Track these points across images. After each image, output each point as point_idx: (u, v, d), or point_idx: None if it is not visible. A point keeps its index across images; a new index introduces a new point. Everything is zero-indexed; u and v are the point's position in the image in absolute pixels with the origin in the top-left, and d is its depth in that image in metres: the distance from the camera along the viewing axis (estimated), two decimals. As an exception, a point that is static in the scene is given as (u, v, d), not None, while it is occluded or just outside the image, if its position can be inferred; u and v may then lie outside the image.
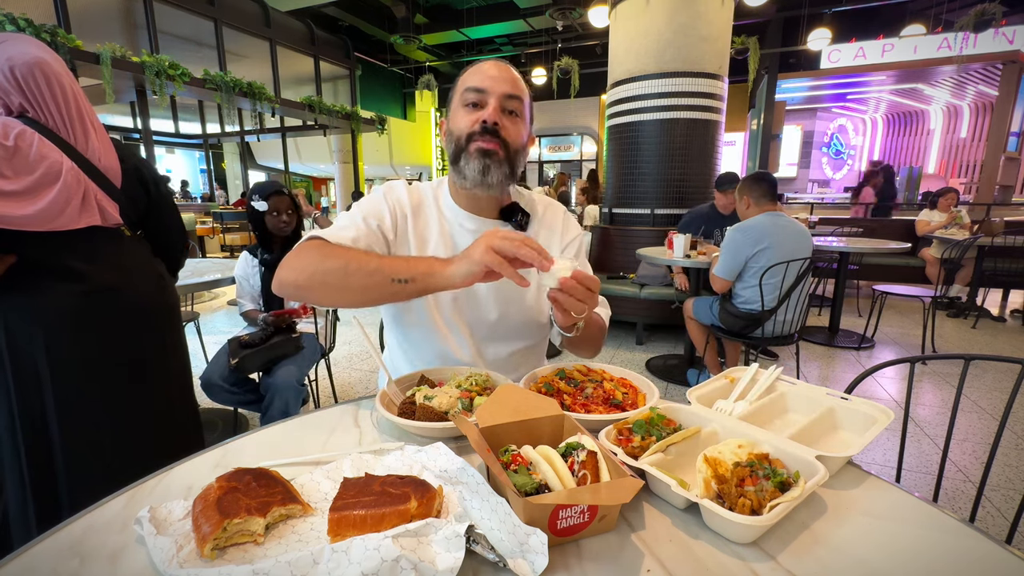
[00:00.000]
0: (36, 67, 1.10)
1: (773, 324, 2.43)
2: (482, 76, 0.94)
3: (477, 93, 0.93)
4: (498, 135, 0.92)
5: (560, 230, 1.10)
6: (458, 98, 0.96)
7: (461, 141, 0.94)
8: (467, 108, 0.94)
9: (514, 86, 0.95)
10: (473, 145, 0.93)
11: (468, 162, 0.93)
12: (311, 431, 0.77)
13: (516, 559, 0.47)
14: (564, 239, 1.10)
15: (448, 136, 0.98)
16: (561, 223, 1.11)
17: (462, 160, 0.94)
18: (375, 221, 0.98)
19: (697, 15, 3.76)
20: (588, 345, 1.00)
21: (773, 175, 2.57)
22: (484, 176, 0.93)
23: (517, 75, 0.97)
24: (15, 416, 1.14)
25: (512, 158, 0.95)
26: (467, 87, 0.94)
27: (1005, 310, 4.67)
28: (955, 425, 0.95)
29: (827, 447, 0.71)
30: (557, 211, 1.13)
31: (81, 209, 1.15)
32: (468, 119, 0.94)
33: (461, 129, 0.94)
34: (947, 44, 8.27)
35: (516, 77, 0.96)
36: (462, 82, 0.96)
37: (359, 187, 9.49)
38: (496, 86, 0.93)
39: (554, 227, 1.10)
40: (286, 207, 2.06)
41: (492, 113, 0.92)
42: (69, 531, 0.53)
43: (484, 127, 0.92)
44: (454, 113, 0.97)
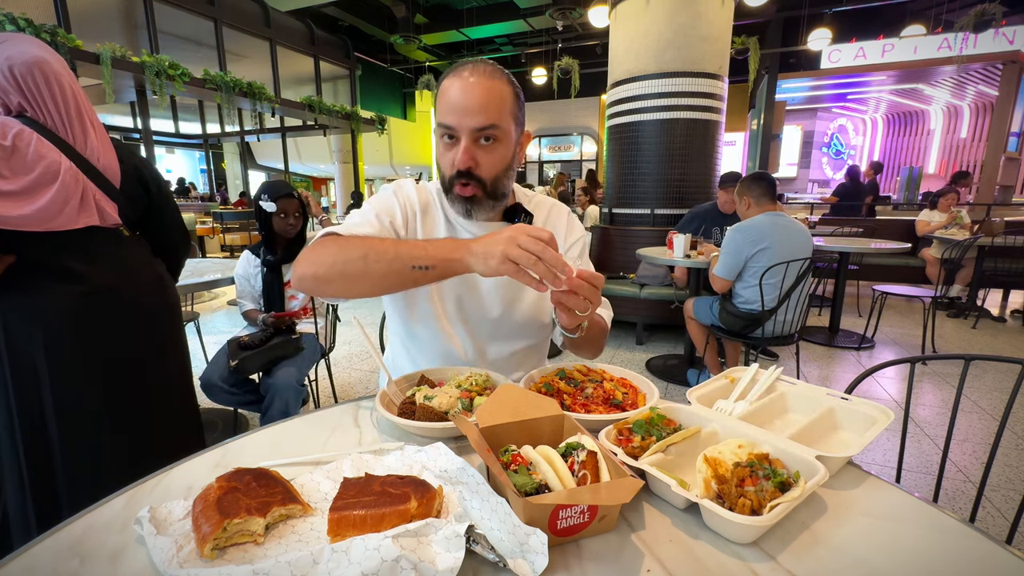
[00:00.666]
0: (35, 66, 1.10)
1: (773, 324, 2.43)
2: (451, 109, 0.88)
3: (447, 129, 0.90)
4: (473, 176, 0.91)
5: (564, 231, 1.11)
6: (436, 123, 0.94)
7: (446, 181, 0.95)
8: (444, 143, 0.92)
9: (484, 113, 0.87)
10: (455, 188, 0.93)
11: (454, 202, 0.95)
12: (311, 431, 0.77)
13: (516, 559, 0.47)
14: (568, 241, 1.11)
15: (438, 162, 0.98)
16: (565, 224, 1.12)
17: (449, 197, 0.96)
18: (387, 217, 0.98)
19: (697, 15, 3.75)
20: (590, 346, 1.01)
21: (773, 175, 2.57)
22: (469, 217, 0.97)
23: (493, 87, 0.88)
24: (14, 416, 1.14)
25: (494, 188, 0.94)
26: (439, 122, 0.91)
27: (1005, 310, 4.67)
28: (955, 425, 0.95)
29: (827, 447, 0.71)
30: (561, 212, 1.13)
31: (80, 209, 1.15)
32: (446, 159, 0.92)
33: (443, 168, 0.94)
34: (947, 44, 8.27)
35: (490, 95, 0.88)
36: (437, 104, 0.92)
37: (359, 187, 9.49)
38: (464, 121, 0.87)
39: (558, 228, 1.11)
40: (294, 209, 2.07)
41: (463, 158, 0.89)
42: (69, 531, 0.53)
43: (458, 172, 0.91)
44: (437, 140, 0.95)
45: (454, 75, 0.90)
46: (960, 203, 5.07)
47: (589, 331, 0.92)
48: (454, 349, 1.03)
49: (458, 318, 1.02)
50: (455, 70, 0.91)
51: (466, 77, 0.88)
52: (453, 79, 0.89)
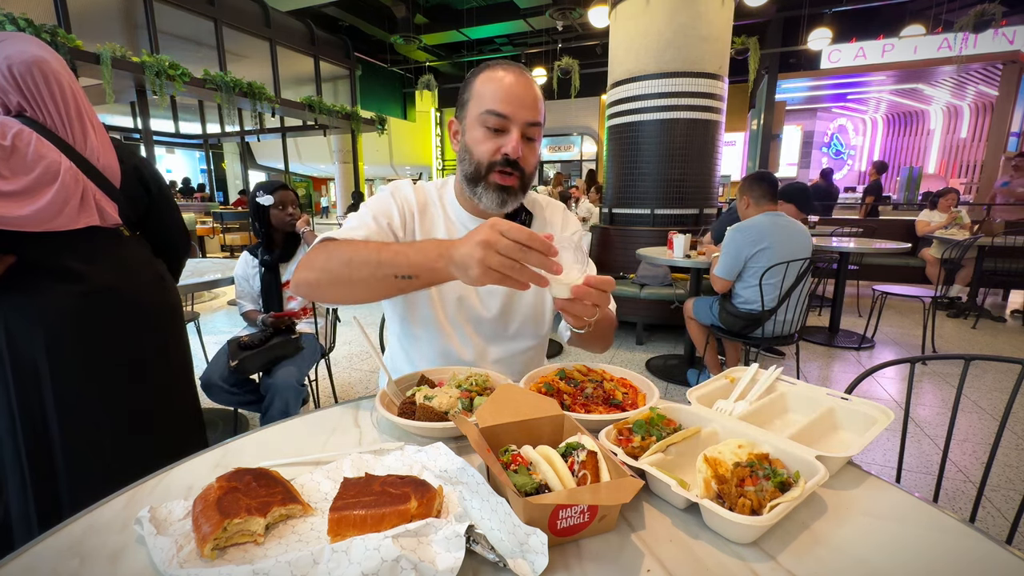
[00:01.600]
0: (35, 66, 1.10)
1: (773, 324, 2.43)
2: (506, 98, 0.89)
3: (499, 118, 0.89)
4: (518, 167, 0.91)
5: (559, 227, 1.12)
6: (476, 112, 0.91)
7: (481, 168, 0.92)
8: (486, 130, 0.91)
9: (536, 109, 0.91)
10: (492, 177, 0.92)
11: (487, 192, 0.93)
12: (311, 431, 0.77)
13: (516, 559, 0.47)
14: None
15: (464, 151, 0.95)
16: (560, 220, 1.13)
17: (480, 187, 0.93)
18: (385, 220, 0.97)
19: (697, 15, 3.76)
20: (600, 341, 1.01)
21: (774, 175, 2.57)
22: (501, 207, 0.95)
23: (538, 90, 0.93)
24: (15, 416, 1.14)
25: (527, 183, 0.96)
26: (488, 108, 0.89)
27: (1005, 310, 4.67)
28: (955, 425, 0.95)
29: (827, 447, 0.71)
30: (556, 209, 1.15)
31: (80, 209, 1.15)
32: (488, 146, 0.91)
33: (480, 155, 0.91)
34: (947, 44, 8.28)
35: (537, 95, 0.92)
36: (480, 92, 0.91)
37: (359, 187, 9.49)
38: (519, 113, 0.89)
39: (553, 226, 1.12)
40: (291, 201, 2.09)
41: (515, 147, 0.89)
42: (69, 531, 0.53)
43: (506, 159, 0.90)
44: (471, 128, 0.93)
45: (502, 69, 0.91)
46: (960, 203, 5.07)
47: (598, 325, 0.90)
48: (453, 350, 1.03)
49: (458, 320, 1.02)
50: (496, 67, 0.92)
51: (514, 74, 0.90)
52: (503, 71, 0.91)
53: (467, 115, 0.94)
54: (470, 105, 0.93)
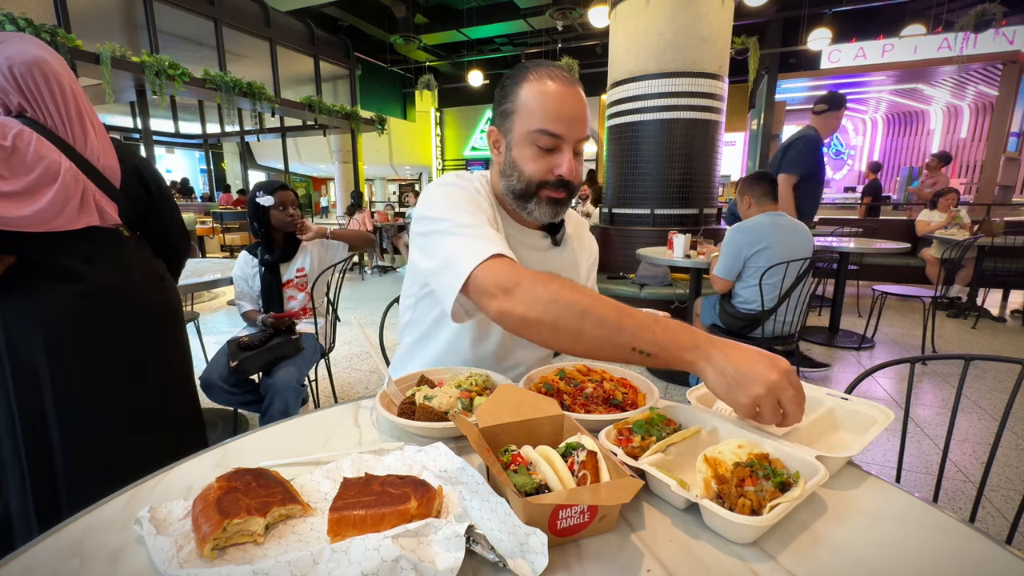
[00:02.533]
0: (35, 66, 1.10)
1: (773, 324, 2.43)
2: (559, 116, 0.86)
3: (552, 139, 0.87)
4: (570, 185, 0.91)
5: (587, 249, 1.16)
6: (525, 128, 0.88)
7: (532, 186, 0.91)
8: (537, 149, 0.89)
9: (586, 123, 0.90)
10: (544, 193, 0.92)
11: (538, 206, 0.93)
12: (311, 431, 0.77)
13: (516, 559, 0.47)
14: (589, 258, 1.16)
15: (511, 167, 0.92)
16: (588, 239, 1.17)
17: (531, 203, 0.93)
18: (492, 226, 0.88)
19: (697, 15, 3.76)
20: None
21: (773, 175, 2.57)
22: (554, 218, 0.96)
23: (584, 99, 0.90)
24: (15, 417, 1.14)
25: (574, 195, 0.95)
26: (541, 128, 0.86)
27: (1005, 310, 4.67)
28: (955, 425, 0.95)
29: (827, 447, 0.71)
30: (585, 226, 1.18)
31: (80, 209, 1.15)
32: (540, 165, 0.89)
33: (532, 174, 0.90)
34: (947, 44, 8.27)
35: (586, 107, 0.90)
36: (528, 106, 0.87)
37: (359, 187, 9.49)
38: (573, 131, 0.87)
39: (583, 242, 1.15)
40: (292, 201, 2.08)
41: (570, 168, 0.89)
42: (69, 531, 0.53)
43: (560, 180, 0.90)
44: (520, 144, 0.89)
45: (547, 80, 0.87)
46: (960, 203, 5.07)
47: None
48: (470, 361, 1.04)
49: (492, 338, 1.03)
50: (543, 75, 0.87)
51: (567, 84, 0.87)
52: (548, 84, 0.87)
53: (514, 129, 0.90)
54: (517, 119, 0.89)
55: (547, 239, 1.05)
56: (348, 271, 2.42)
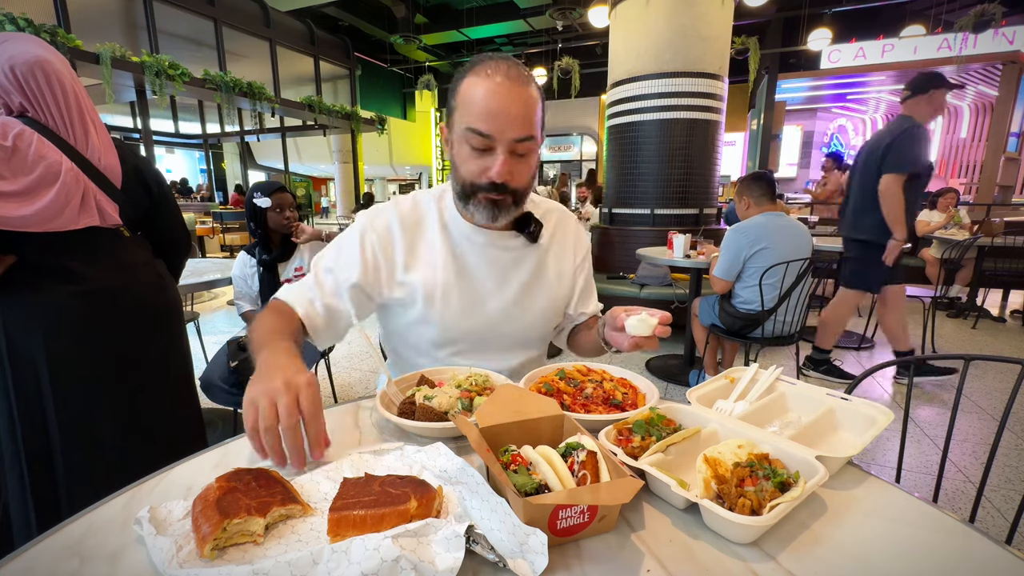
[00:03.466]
0: (37, 66, 1.10)
1: (773, 324, 2.43)
2: (489, 113, 0.80)
3: (482, 138, 0.82)
4: (506, 188, 0.86)
5: (572, 245, 1.09)
6: (460, 127, 0.84)
7: (467, 187, 0.88)
8: (471, 149, 0.84)
9: (525, 123, 0.82)
10: (481, 195, 0.88)
11: (478, 208, 0.89)
12: (311, 431, 0.77)
13: (516, 559, 0.47)
14: (576, 256, 1.09)
15: (452, 166, 0.90)
16: (573, 234, 1.10)
17: (470, 203, 0.90)
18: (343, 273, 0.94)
19: (697, 15, 3.76)
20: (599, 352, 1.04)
21: (771, 175, 2.57)
22: (494, 220, 0.91)
23: (530, 95, 0.83)
24: (15, 417, 1.14)
25: (521, 198, 0.91)
26: (469, 126, 0.82)
27: (1005, 310, 4.67)
28: (955, 425, 0.95)
29: (827, 447, 0.71)
30: (569, 222, 1.10)
31: (80, 210, 1.14)
32: (473, 166, 0.85)
33: (466, 175, 0.87)
34: (947, 44, 8.28)
35: (528, 104, 0.83)
36: (464, 101, 0.83)
37: (359, 187, 9.49)
38: (504, 131, 0.81)
39: (566, 241, 1.08)
40: (288, 203, 2.08)
41: (501, 171, 0.83)
42: (69, 531, 0.53)
43: (492, 184, 0.85)
44: (457, 143, 0.86)
45: (484, 76, 0.82)
46: (959, 203, 5.07)
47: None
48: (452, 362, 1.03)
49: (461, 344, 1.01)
50: (482, 69, 0.83)
51: (500, 81, 0.81)
52: (484, 80, 0.81)
53: (453, 126, 0.87)
54: (456, 115, 0.86)
55: (519, 238, 1.00)
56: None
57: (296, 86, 8.11)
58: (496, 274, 1.00)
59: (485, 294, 0.99)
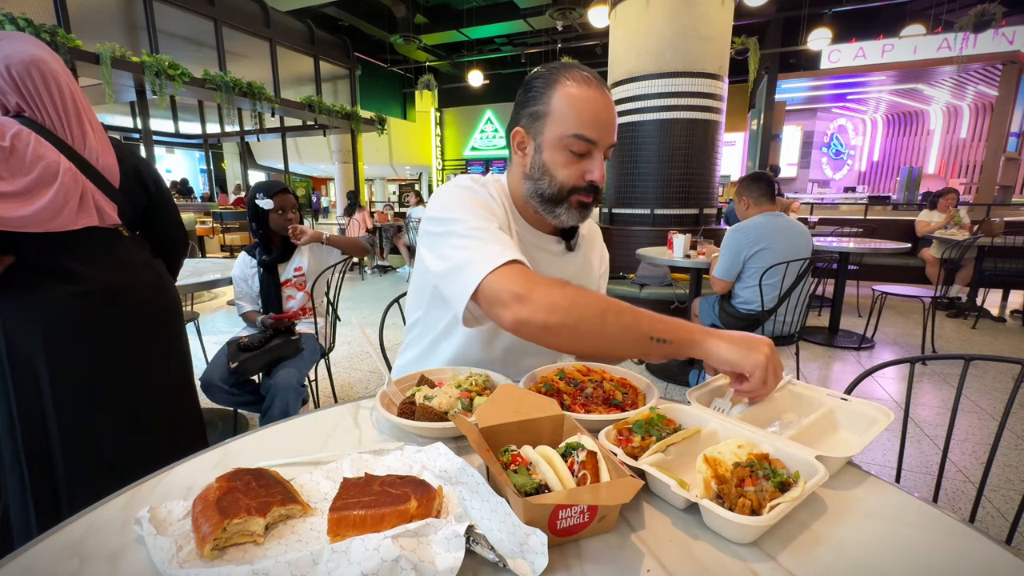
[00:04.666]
0: (33, 66, 1.10)
1: (773, 324, 2.43)
2: (594, 122, 0.86)
3: (587, 144, 0.87)
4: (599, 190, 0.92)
5: (599, 254, 1.18)
6: (558, 133, 0.87)
7: (563, 192, 0.91)
8: (570, 154, 0.88)
9: (616, 129, 0.91)
10: (575, 198, 0.91)
11: (567, 211, 0.93)
12: (311, 431, 0.77)
13: (516, 559, 0.47)
14: (601, 266, 1.18)
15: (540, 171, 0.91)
16: (599, 247, 1.19)
17: (560, 207, 0.92)
18: (497, 222, 0.88)
19: (697, 15, 3.76)
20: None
21: (777, 169, 2.56)
22: (581, 220, 0.97)
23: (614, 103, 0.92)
24: (14, 418, 1.14)
25: (601, 199, 0.96)
26: (576, 133, 0.86)
27: (1005, 310, 4.67)
28: (955, 425, 0.95)
29: (827, 447, 0.71)
30: (597, 234, 1.20)
31: (79, 210, 1.14)
32: (573, 171, 0.89)
33: (564, 179, 0.90)
34: (947, 44, 8.28)
35: (615, 113, 0.92)
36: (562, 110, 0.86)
37: (359, 187, 9.49)
38: (606, 137, 0.88)
39: (595, 248, 1.17)
40: (291, 205, 2.08)
41: (601, 172, 0.89)
42: (69, 531, 0.53)
43: (592, 185, 0.90)
44: (552, 149, 0.89)
45: (581, 84, 0.86)
46: (960, 203, 5.07)
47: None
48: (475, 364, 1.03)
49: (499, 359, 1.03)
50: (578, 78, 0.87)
51: (597, 90, 0.87)
52: (584, 89, 0.86)
53: (545, 132, 0.89)
54: (549, 122, 0.88)
55: (561, 244, 1.05)
56: (348, 271, 2.42)
57: (296, 86, 8.11)
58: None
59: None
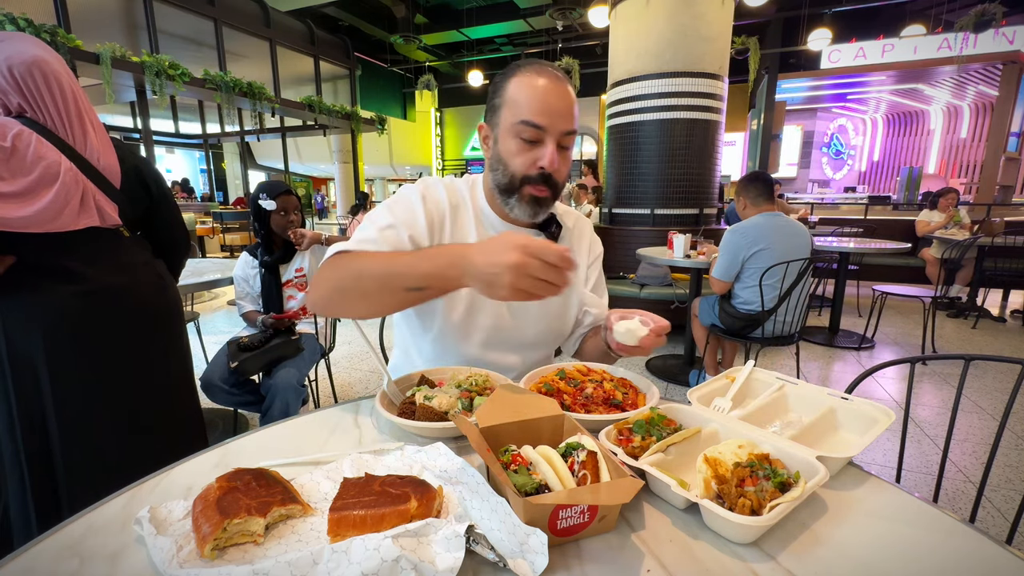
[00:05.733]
0: (34, 66, 1.10)
1: (773, 324, 2.43)
2: (543, 108, 0.86)
3: (535, 130, 0.86)
4: (552, 180, 0.90)
5: (587, 246, 1.13)
6: (510, 121, 0.88)
7: (515, 181, 0.91)
8: (521, 142, 0.88)
9: (572, 117, 0.89)
10: (526, 189, 0.91)
11: (519, 203, 0.92)
12: (311, 431, 0.77)
13: (516, 559, 0.47)
14: (590, 256, 1.14)
15: (497, 161, 0.93)
16: (588, 239, 1.14)
17: (513, 199, 0.92)
18: (405, 230, 0.91)
19: (697, 15, 3.76)
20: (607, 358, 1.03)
21: (769, 174, 2.57)
22: (534, 217, 0.95)
23: (572, 93, 0.90)
24: (15, 418, 1.14)
25: (558, 193, 0.95)
26: (524, 119, 0.86)
27: (1005, 310, 4.67)
28: (955, 425, 0.95)
29: (828, 447, 0.71)
30: (585, 226, 1.15)
31: (80, 210, 1.15)
32: (523, 158, 0.89)
33: (515, 168, 0.90)
34: (947, 44, 8.28)
35: (574, 101, 0.90)
36: (514, 99, 0.88)
37: (359, 187, 9.49)
38: (556, 123, 0.87)
39: (582, 242, 1.13)
40: (294, 206, 2.08)
41: (551, 160, 0.87)
42: (69, 531, 0.53)
43: (541, 174, 0.89)
44: (505, 138, 0.90)
45: (538, 74, 0.87)
46: (960, 203, 5.07)
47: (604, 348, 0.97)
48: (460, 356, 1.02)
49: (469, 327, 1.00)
50: (531, 70, 0.88)
51: (549, 79, 0.87)
52: (534, 78, 0.87)
53: (500, 122, 0.91)
54: (503, 112, 0.90)
55: (540, 236, 1.03)
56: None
57: (296, 86, 8.11)
58: None
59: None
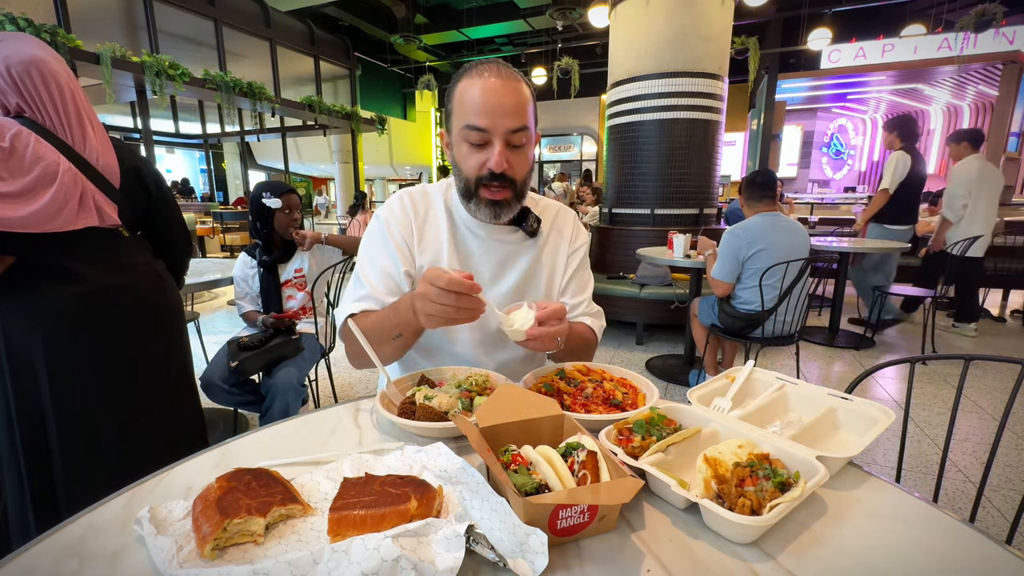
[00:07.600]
0: (33, 66, 1.10)
1: (773, 324, 2.43)
2: (482, 109, 0.85)
3: (479, 132, 0.86)
4: (507, 179, 0.89)
5: (570, 236, 1.12)
6: (458, 126, 0.88)
7: (469, 184, 0.91)
8: (469, 145, 0.88)
9: (517, 114, 0.86)
10: (482, 192, 0.91)
11: (479, 207, 0.93)
12: (311, 431, 0.77)
13: (516, 559, 0.47)
14: (572, 246, 1.12)
15: (453, 165, 0.94)
16: (571, 229, 1.13)
17: (472, 202, 0.93)
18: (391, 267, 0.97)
19: (697, 15, 3.75)
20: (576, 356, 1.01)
21: (771, 174, 2.57)
22: (496, 219, 0.95)
23: (520, 89, 0.88)
24: (13, 418, 1.14)
25: (521, 190, 0.94)
26: (466, 123, 0.86)
27: (1005, 310, 4.67)
28: (955, 425, 0.95)
29: (828, 447, 0.71)
30: (568, 216, 1.14)
31: (79, 210, 1.14)
32: (472, 161, 0.89)
33: (467, 171, 0.90)
34: (947, 44, 8.27)
35: (519, 98, 0.87)
36: (459, 104, 0.87)
37: (359, 187, 9.49)
38: (499, 123, 0.85)
39: (563, 232, 1.11)
40: (296, 205, 2.09)
41: (498, 160, 0.86)
42: (69, 531, 0.53)
43: (492, 174, 0.88)
44: (456, 143, 0.91)
45: (476, 76, 0.87)
46: None
47: (570, 344, 0.95)
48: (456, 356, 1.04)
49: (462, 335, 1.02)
50: (474, 72, 0.88)
51: (490, 79, 0.86)
52: (476, 80, 0.86)
53: (452, 128, 0.91)
54: (453, 118, 0.90)
55: (517, 232, 1.03)
56: (348, 271, 2.41)
57: (296, 86, 8.10)
58: (494, 267, 1.02)
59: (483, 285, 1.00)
